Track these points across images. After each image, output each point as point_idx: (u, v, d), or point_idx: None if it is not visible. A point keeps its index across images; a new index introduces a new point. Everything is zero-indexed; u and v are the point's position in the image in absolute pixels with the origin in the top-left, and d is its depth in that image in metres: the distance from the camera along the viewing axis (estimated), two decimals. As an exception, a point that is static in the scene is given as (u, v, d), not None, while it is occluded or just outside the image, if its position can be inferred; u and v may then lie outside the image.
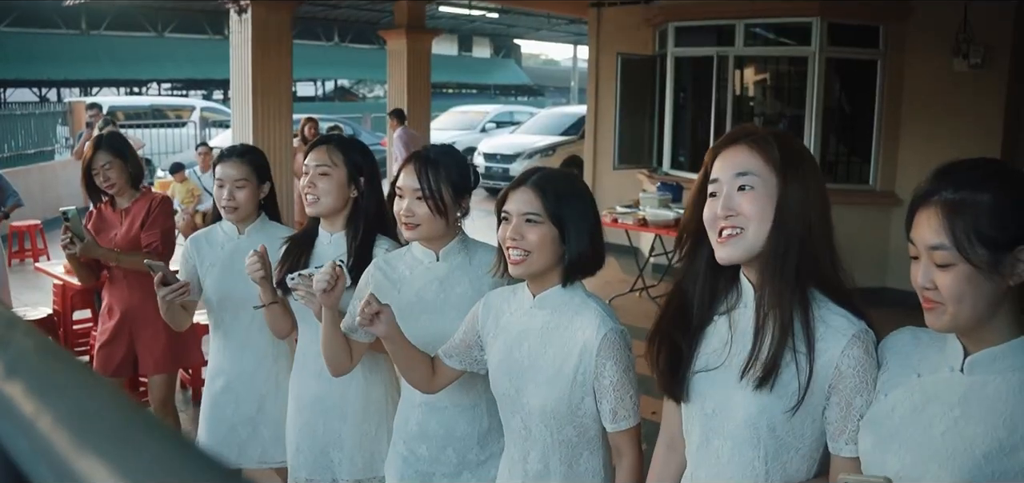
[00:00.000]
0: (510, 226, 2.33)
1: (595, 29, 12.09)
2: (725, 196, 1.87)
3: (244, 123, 8.86)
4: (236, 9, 8.82)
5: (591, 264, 2.40)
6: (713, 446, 1.96)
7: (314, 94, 35.22)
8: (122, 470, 0.30)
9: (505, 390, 2.43)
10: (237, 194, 3.59)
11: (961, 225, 1.57)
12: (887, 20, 9.45)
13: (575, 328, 2.33)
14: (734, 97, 10.32)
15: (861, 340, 1.83)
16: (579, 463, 2.39)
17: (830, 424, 1.87)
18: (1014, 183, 1.61)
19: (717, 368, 1.95)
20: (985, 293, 1.59)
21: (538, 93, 42.20)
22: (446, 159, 2.81)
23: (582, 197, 2.41)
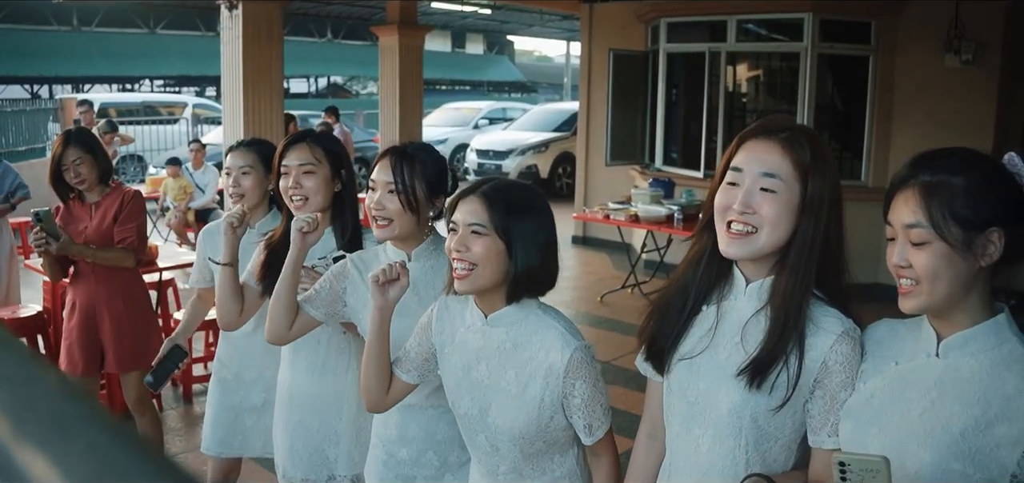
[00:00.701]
0: (456, 237, 2.22)
1: (587, 25, 12.09)
2: (746, 191, 1.85)
3: (235, 120, 8.84)
4: (227, 5, 8.80)
5: (541, 283, 2.28)
6: (693, 434, 1.97)
7: (307, 91, 35.11)
8: (56, 459, 0.29)
9: (467, 410, 2.34)
10: (242, 180, 3.59)
11: (937, 205, 1.65)
12: (879, 16, 9.47)
13: (536, 348, 2.24)
14: (726, 93, 10.33)
15: (849, 337, 1.86)
16: (552, 466, 2.34)
17: (813, 418, 1.88)
18: (987, 168, 1.69)
19: (700, 355, 1.96)
20: (958, 272, 1.65)
21: (531, 90, 42.15)
22: (423, 156, 2.75)
23: (536, 211, 2.27)
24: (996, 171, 1.70)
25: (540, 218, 2.27)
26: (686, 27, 10.61)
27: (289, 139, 3.24)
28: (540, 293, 2.31)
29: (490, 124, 22.43)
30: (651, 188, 9.44)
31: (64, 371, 4.63)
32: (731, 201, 1.87)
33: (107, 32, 28.91)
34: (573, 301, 9.14)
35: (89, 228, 4.47)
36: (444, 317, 2.42)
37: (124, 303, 4.57)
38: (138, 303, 4.69)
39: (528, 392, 2.22)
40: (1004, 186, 1.68)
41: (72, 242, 4.34)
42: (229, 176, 3.62)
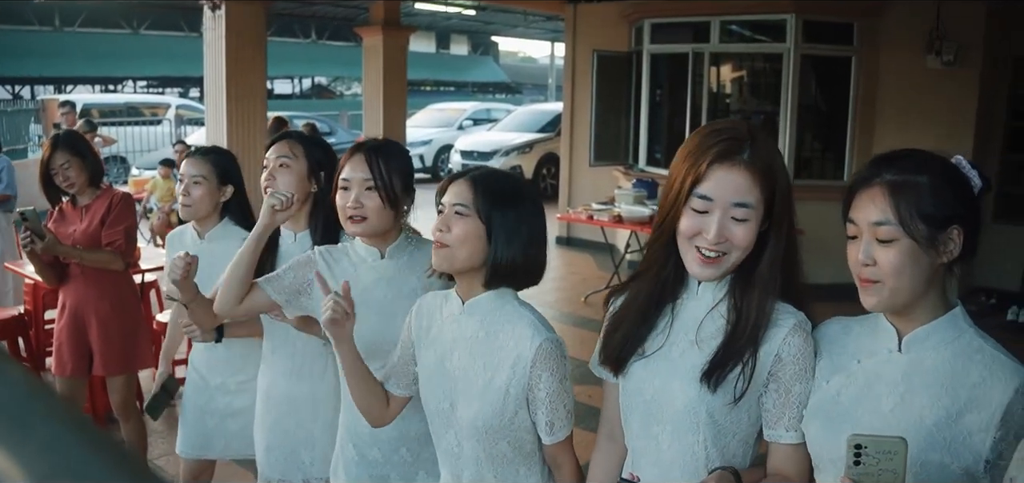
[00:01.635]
0: (441, 216, 2.24)
1: (571, 26, 12.11)
2: (719, 223, 1.86)
3: (218, 121, 8.81)
4: (210, 6, 8.77)
5: (521, 276, 2.28)
6: (653, 432, 1.99)
7: (291, 92, 35.03)
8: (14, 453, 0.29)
9: (438, 404, 2.32)
10: (192, 190, 3.55)
11: (905, 203, 1.69)
12: (861, 17, 9.52)
13: (506, 338, 2.23)
14: (710, 94, 10.36)
15: (801, 329, 1.90)
16: (517, 477, 2.30)
17: (768, 412, 1.92)
18: (947, 168, 1.75)
19: (655, 354, 1.99)
20: (921, 269, 1.70)
21: (516, 91, 42.16)
22: (394, 149, 2.73)
23: (523, 204, 2.27)
24: (952, 171, 1.75)
25: (525, 211, 2.26)
26: (670, 28, 10.63)
27: (274, 137, 3.26)
28: (520, 286, 2.30)
29: (474, 125, 22.44)
30: (634, 189, 9.47)
31: (53, 372, 4.66)
32: (702, 228, 1.88)
33: (89, 32, 28.76)
34: (557, 301, 9.15)
35: (78, 230, 4.46)
36: (421, 315, 2.41)
37: (112, 306, 4.56)
38: (126, 306, 4.67)
39: (494, 382, 2.21)
40: (960, 185, 1.74)
41: (58, 242, 4.32)
42: (181, 184, 3.59)
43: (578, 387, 6.47)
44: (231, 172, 3.68)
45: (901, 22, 9.30)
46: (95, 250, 4.43)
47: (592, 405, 5.87)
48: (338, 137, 19.51)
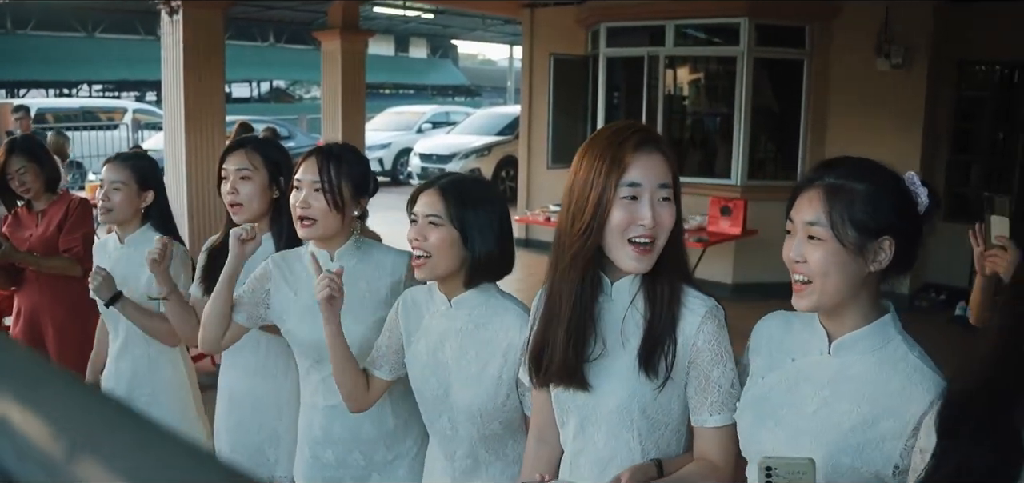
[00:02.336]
0: (416, 227, 2.37)
1: (529, 30, 12.17)
2: (652, 207, 1.93)
3: (176, 126, 8.78)
4: (167, 10, 8.74)
5: (498, 268, 2.44)
6: (589, 432, 2.07)
7: (249, 95, 34.70)
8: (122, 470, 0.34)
9: (433, 391, 2.46)
10: (112, 195, 3.52)
11: (837, 207, 1.74)
12: (813, 21, 9.68)
13: (496, 329, 2.38)
14: (666, 96, 10.46)
15: (714, 315, 1.99)
16: (506, 451, 2.46)
17: (691, 399, 2.00)
18: (887, 179, 1.79)
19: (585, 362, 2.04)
20: (849, 273, 1.76)
21: (475, 93, 42.10)
22: (349, 156, 2.80)
23: (489, 202, 2.43)
24: (895, 184, 1.81)
25: (493, 208, 2.42)
26: (626, 32, 10.73)
27: (229, 145, 3.28)
28: (497, 278, 2.46)
29: (433, 128, 22.41)
30: (591, 190, 9.53)
31: None
32: (635, 216, 1.93)
33: (43, 36, 28.27)
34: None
35: (34, 235, 4.43)
36: (408, 308, 2.54)
37: (68, 312, 4.49)
38: (83, 312, 4.58)
39: (487, 370, 2.36)
40: (901, 199, 1.79)
41: (14, 250, 4.28)
42: (101, 188, 3.57)
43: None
44: (151, 178, 3.66)
45: (851, 26, 9.47)
46: (52, 257, 4.40)
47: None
48: (297, 141, 19.41)
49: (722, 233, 8.60)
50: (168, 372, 3.64)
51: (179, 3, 8.62)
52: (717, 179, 10.03)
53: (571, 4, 11.32)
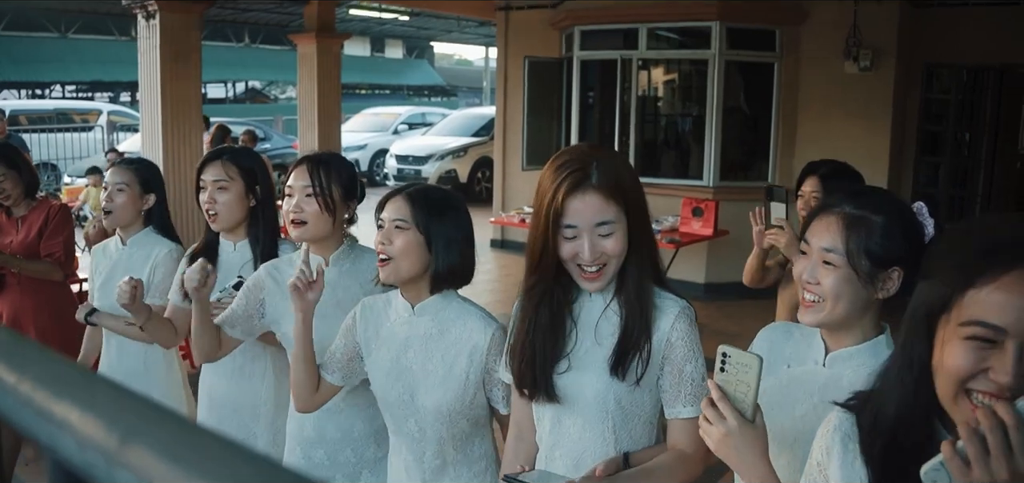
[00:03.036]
0: (382, 231, 2.47)
1: (503, 32, 12.27)
2: (590, 245, 2.06)
3: (153, 129, 8.82)
4: (144, 14, 8.78)
5: (460, 275, 2.53)
6: (565, 425, 2.20)
7: (225, 96, 34.57)
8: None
9: (398, 396, 2.53)
10: (116, 197, 3.62)
11: (855, 237, 1.85)
12: (783, 25, 9.84)
13: (459, 332, 2.48)
14: (638, 98, 10.60)
15: (686, 314, 2.13)
16: (472, 449, 2.57)
17: (665, 392, 2.14)
18: (901, 212, 1.91)
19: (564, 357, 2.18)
20: (859, 298, 1.87)
21: (451, 93, 42.17)
22: (336, 162, 2.95)
23: (454, 211, 2.52)
24: (908, 216, 1.92)
25: (458, 217, 2.53)
26: (599, 34, 10.84)
27: (206, 156, 3.39)
28: (459, 285, 2.55)
29: (409, 129, 22.43)
30: (565, 192, 9.63)
31: None
32: (576, 251, 2.07)
33: (15, 36, 28.06)
34: (491, 303, 9.31)
35: (14, 242, 4.47)
36: (367, 317, 2.61)
37: (51, 316, 4.56)
38: (65, 316, 4.62)
39: (454, 371, 2.46)
40: (911, 230, 1.90)
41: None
42: (105, 190, 3.67)
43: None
44: (153, 182, 3.76)
45: (820, 30, 9.65)
46: (35, 261, 4.46)
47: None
48: (273, 142, 19.41)
49: (694, 234, 8.73)
50: (162, 372, 3.76)
51: (155, 7, 8.66)
52: (690, 180, 10.18)
53: (545, 7, 11.43)
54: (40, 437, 0.52)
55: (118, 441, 0.46)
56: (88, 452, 0.47)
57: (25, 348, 0.59)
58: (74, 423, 0.49)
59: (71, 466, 0.49)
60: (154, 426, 0.47)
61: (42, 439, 0.52)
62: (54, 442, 0.50)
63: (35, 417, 0.51)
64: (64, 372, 0.54)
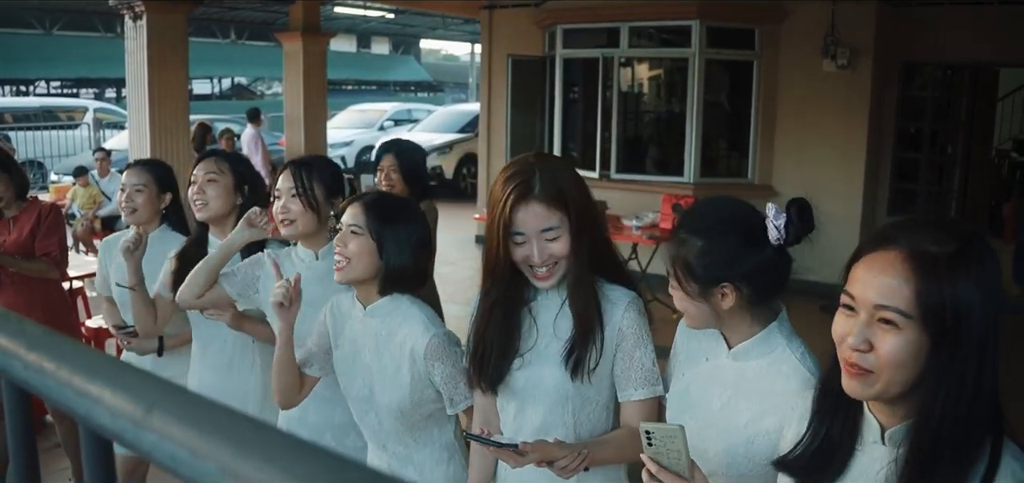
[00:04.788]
0: (339, 235, 2.64)
1: (487, 30, 12.38)
2: (538, 249, 2.24)
3: (141, 130, 8.91)
4: (131, 15, 8.86)
5: (411, 280, 2.68)
6: (528, 415, 2.38)
7: (211, 92, 34.48)
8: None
9: (359, 391, 2.71)
10: (136, 197, 3.75)
11: (680, 261, 2.01)
12: (762, 23, 10.00)
13: (404, 335, 2.60)
14: (620, 96, 10.77)
15: (635, 304, 2.33)
16: (433, 438, 2.72)
17: (618, 377, 2.33)
18: (730, 228, 2.03)
19: (524, 354, 2.36)
20: (702, 311, 2.03)
21: (438, 89, 42.22)
22: (320, 164, 3.16)
23: (407, 219, 2.68)
24: (735, 229, 2.02)
25: (411, 225, 2.67)
26: (581, 33, 11.00)
27: (199, 157, 3.61)
28: (411, 290, 2.69)
29: (396, 126, 22.45)
30: (547, 189, 9.77)
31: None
32: (526, 256, 2.25)
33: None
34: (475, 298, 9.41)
35: (7, 243, 4.54)
36: (336, 315, 2.79)
37: (44, 314, 4.61)
38: (58, 313, 4.77)
39: (401, 372, 2.60)
40: (741, 243, 2.00)
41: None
42: (123, 192, 3.80)
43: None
44: (167, 181, 3.90)
45: (799, 28, 9.81)
46: (31, 260, 4.54)
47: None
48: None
49: (674, 230, 8.84)
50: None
51: (142, 8, 8.74)
52: (670, 177, 10.33)
53: (529, 6, 11.56)
54: (78, 410, 0.66)
55: (143, 411, 0.60)
56: (119, 420, 0.61)
57: (60, 342, 0.73)
58: (106, 398, 0.63)
59: (104, 432, 0.63)
60: (173, 399, 0.61)
61: (80, 412, 0.66)
62: (90, 413, 0.64)
63: (74, 395, 0.66)
64: (94, 359, 0.68)
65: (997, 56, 10.08)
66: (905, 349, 1.45)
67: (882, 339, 1.47)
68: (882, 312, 1.46)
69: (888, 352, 1.46)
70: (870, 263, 1.50)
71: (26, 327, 0.75)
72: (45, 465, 4.80)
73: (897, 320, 1.45)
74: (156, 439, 0.58)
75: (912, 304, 1.44)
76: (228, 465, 0.54)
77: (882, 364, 1.47)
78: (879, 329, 1.47)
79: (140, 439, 0.60)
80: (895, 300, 1.45)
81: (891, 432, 1.56)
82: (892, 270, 1.46)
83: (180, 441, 0.57)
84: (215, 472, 0.54)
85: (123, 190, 3.81)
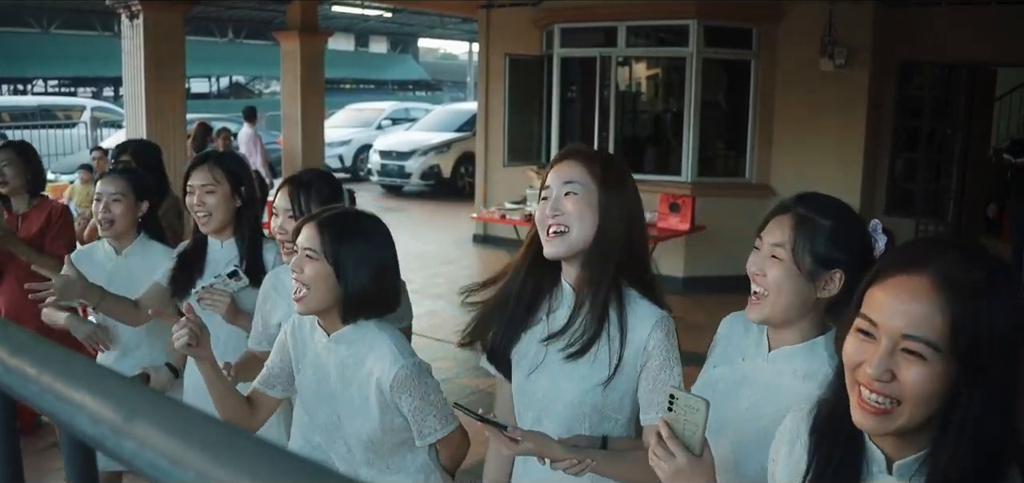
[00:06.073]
0: (295, 259, 2.44)
1: (485, 29, 12.39)
2: (553, 199, 2.21)
3: (138, 129, 8.89)
4: (128, 14, 8.85)
5: (375, 304, 2.48)
6: (544, 425, 2.29)
7: (209, 91, 34.38)
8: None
9: (326, 418, 2.56)
10: (112, 207, 3.67)
11: (802, 235, 1.96)
12: (759, 23, 10.01)
13: (371, 364, 2.44)
14: (617, 95, 10.77)
15: (663, 325, 2.22)
16: (404, 463, 2.59)
17: (641, 398, 2.25)
18: (850, 220, 2.03)
19: (543, 363, 2.29)
20: (799, 293, 1.95)
21: (436, 88, 42.18)
22: (318, 183, 3.09)
23: (367, 238, 2.46)
24: (856, 226, 2.02)
25: (372, 244, 2.47)
26: (579, 32, 11.00)
27: (193, 161, 3.55)
28: (376, 315, 2.50)
29: (393, 124, 22.50)
30: (544, 188, 9.77)
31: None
32: (544, 210, 2.23)
33: (-5, 31, 27.85)
34: (473, 298, 9.42)
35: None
36: (297, 334, 2.61)
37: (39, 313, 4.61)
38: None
39: (369, 401, 2.46)
40: (858, 240, 1.99)
41: (12, 235, 4.43)
42: (99, 201, 3.68)
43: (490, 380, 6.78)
44: (145, 188, 3.84)
45: (796, 28, 9.83)
46: (42, 255, 4.47)
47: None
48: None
49: (671, 229, 8.86)
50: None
51: (139, 7, 8.73)
52: (668, 176, 10.32)
53: (526, 5, 11.55)
54: (59, 416, 0.65)
55: (123, 418, 0.59)
56: (99, 427, 0.61)
57: (44, 347, 0.72)
58: (88, 404, 0.62)
59: (85, 438, 0.62)
60: (153, 406, 0.60)
61: (61, 418, 0.65)
62: (71, 420, 0.64)
63: (56, 400, 0.65)
64: (77, 364, 0.68)
65: (995, 55, 10.08)
66: (932, 382, 1.38)
67: (906, 370, 1.39)
68: (909, 343, 1.39)
69: (913, 384, 1.39)
70: (896, 287, 1.41)
71: (9, 332, 0.74)
72: (40, 464, 4.79)
73: (925, 352, 1.37)
74: (135, 447, 0.58)
75: (945, 335, 1.36)
76: (206, 472, 0.53)
77: (906, 396, 1.39)
78: (903, 359, 1.40)
79: (120, 446, 0.59)
80: (926, 331, 1.37)
81: (900, 465, 1.49)
82: (923, 297, 1.38)
83: (159, 449, 0.57)
84: (194, 480, 0.54)
85: (99, 199, 3.70)
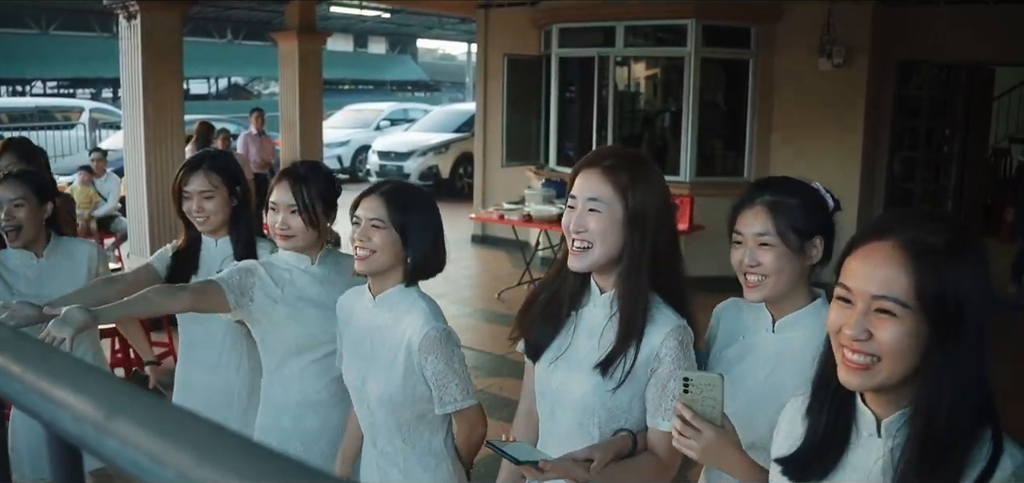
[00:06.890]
0: (359, 229, 2.63)
1: (483, 29, 12.39)
2: (578, 213, 2.22)
3: (136, 129, 8.86)
4: (125, 15, 8.81)
5: (432, 267, 2.71)
6: (557, 417, 2.35)
7: (207, 92, 34.37)
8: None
9: (353, 381, 2.75)
10: (16, 213, 3.56)
11: (780, 218, 2.16)
12: (758, 22, 10.01)
13: (404, 325, 2.61)
14: (616, 95, 10.77)
15: (677, 334, 2.21)
16: (421, 442, 2.70)
17: (649, 402, 2.25)
18: (810, 191, 2.23)
19: (563, 355, 2.32)
20: (794, 268, 2.17)
21: (435, 88, 42.16)
22: (315, 175, 3.08)
23: (426, 208, 2.71)
24: (814, 193, 2.22)
25: (430, 214, 2.71)
26: (577, 32, 11.00)
27: (187, 163, 3.48)
28: (431, 275, 2.72)
29: (392, 125, 22.49)
30: (543, 188, 9.78)
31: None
32: (569, 222, 2.24)
33: (-7, 33, 27.80)
34: (472, 298, 9.45)
35: None
36: (343, 309, 2.82)
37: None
38: None
39: (396, 361, 2.61)
40: (820, 205, 2.21)
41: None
42: (1, 210, 3.56)
43: (490, 380, 6.81)
44: (46, 189, 3.75)
45: (795, 27, 9.83)
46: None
47: (503, 396, 6.19)
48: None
49: (670, 229, 8.84)
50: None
51: (137, 8, 8.69)
52: (667, 176, 10.13)
53: (524, 5, 11.55)
54: (42, 414, 0.65)
55: (105, 416, 0.59)
56: (82, 425, 0.60)
57: (28, 344, 0.72)
58: (70, 403, 0.62)
59: (68, 436, 0.62)
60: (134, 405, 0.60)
61: (44, 416, 0.65)
62: (54, 418, 0.63)
63: (39, 399, 0.64)
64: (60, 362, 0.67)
65: (994, 55, 10.10)
66: (905, 338, 1.47)
67: (880, 328, 1.49)
68: (880, 302, 1.49)
69: (888, 340, 1.48)
70: (865, 254, 1.53)
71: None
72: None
73: (895, 310, 1.47)
74: (117, 445, 0.57)
75: (911, 293, 1.46)
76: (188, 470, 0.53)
77: (884, 351, 1.49)
78: (876, 318, 1.49)
79: (102, 445, 0.59)
80: (893, 290, 1.47)
81: (887, 422, 1.58)
82: (889, 261, 1.49)
83: (141, 446, 0.56)
84: (175, 478, 0.53)
85: (1, 207, 3.57)
